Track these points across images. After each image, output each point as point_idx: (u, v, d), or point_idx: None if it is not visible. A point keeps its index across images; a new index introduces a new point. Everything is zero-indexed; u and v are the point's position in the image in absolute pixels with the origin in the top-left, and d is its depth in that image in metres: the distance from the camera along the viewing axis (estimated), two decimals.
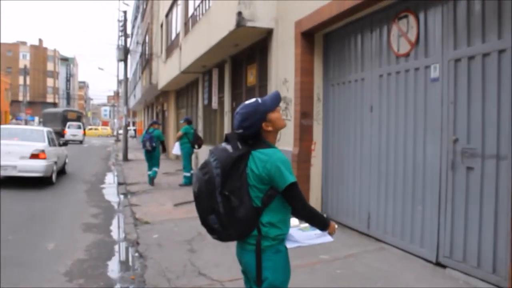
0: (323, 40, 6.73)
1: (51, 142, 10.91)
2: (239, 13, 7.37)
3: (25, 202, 8.27)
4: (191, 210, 2.41)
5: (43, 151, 9.85)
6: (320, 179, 6.82)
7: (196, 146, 10.34)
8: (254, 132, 2.18)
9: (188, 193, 8.74)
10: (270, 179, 2.10)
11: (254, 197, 2.12)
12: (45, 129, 11.57)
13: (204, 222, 2.21)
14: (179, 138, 10.55)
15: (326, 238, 2.30)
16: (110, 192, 10.34)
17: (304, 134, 6.73)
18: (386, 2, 5.07)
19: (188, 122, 10.62)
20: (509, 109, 3.62)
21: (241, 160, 2.14)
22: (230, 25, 7.77)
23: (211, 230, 2.21)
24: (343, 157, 6.26)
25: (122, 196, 9.44)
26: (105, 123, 73.68)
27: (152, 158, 10.59)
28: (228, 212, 2.11)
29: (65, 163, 12.82)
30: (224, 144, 2.22)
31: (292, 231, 2.28)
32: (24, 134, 10.69)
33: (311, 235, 2.29)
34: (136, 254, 5.22)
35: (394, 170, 5.09)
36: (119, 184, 11.31)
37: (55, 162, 10.77)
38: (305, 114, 6.72)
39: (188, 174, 10.46)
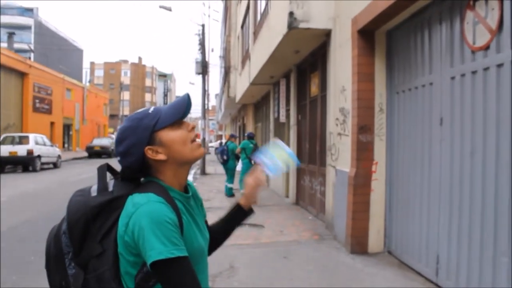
0: (386, 39, 5.55)
1: None
2: (291, 14, 6.48)
3: None
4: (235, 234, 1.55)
5: None
6: (383, 208, 5.59)
7: (253, 162, 9.62)
8: (135, 163, 1.26)
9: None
10: (137, 247, 1.15)
11: (124, 274, 1.20)
12: None
13: None
14: (239, 154, 10.17)
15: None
16: None
17: (362, 152, 5.58)
18: None
19: (248, 137, 10.19)
20: None
21: (106, 211, 1.22)
22: (284, 28, 6.92)
23: None
24: (408, 182, 5.01)
25: None
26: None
27: (227, 170, 10.68)
28: None
29: None
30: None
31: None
32: None
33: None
34: None
35: (469, 204, 3.77)
36: None
37: None
38: (363, 128, 5.57)
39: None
